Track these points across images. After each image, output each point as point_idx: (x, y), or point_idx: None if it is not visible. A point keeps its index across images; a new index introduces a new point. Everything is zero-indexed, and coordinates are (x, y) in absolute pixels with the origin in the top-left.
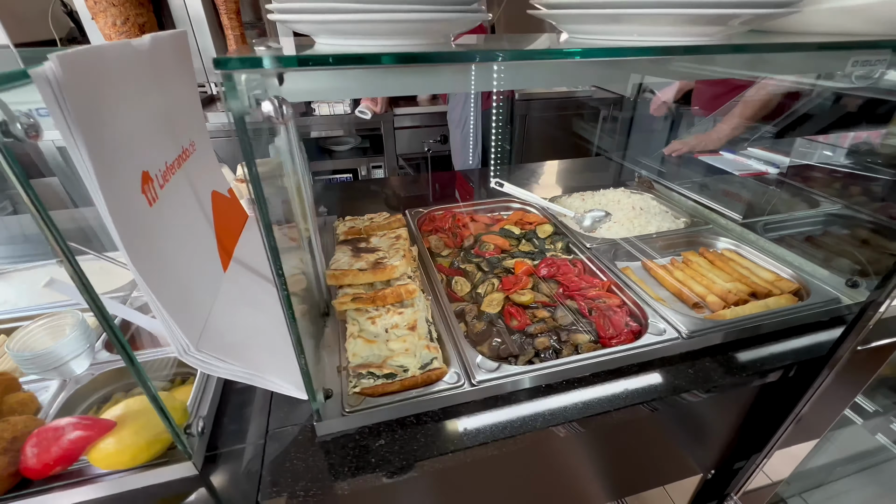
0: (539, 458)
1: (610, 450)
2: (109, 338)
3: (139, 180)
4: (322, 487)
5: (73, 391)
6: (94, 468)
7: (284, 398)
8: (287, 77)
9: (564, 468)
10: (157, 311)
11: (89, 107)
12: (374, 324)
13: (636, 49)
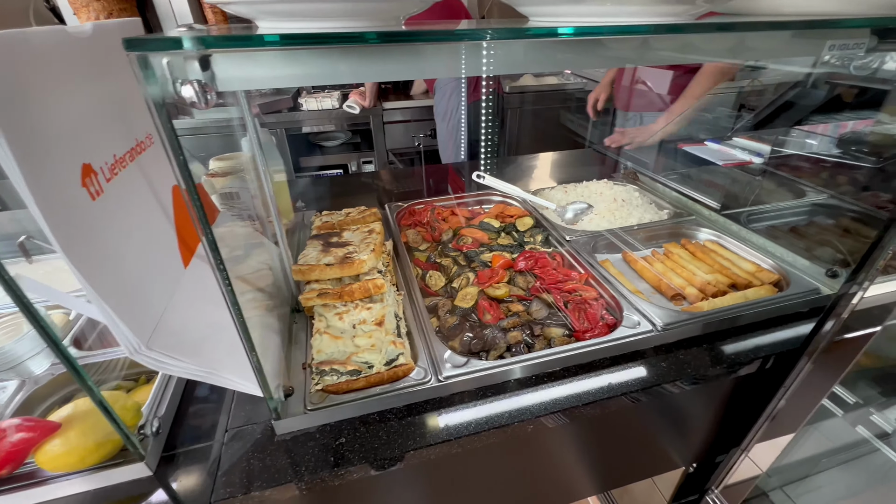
0: (511, 453)
1: (588, 443)
2: (40, 335)
3: (79, 173)
4: (278, 487)
5: (32, 391)
6: (43, 471)
7: (248, 397)
8: (215, 61)
9: (539, 463)
10: (102, 309)
11: (10, 95)
12: (341, 319)
13: (626, 27)
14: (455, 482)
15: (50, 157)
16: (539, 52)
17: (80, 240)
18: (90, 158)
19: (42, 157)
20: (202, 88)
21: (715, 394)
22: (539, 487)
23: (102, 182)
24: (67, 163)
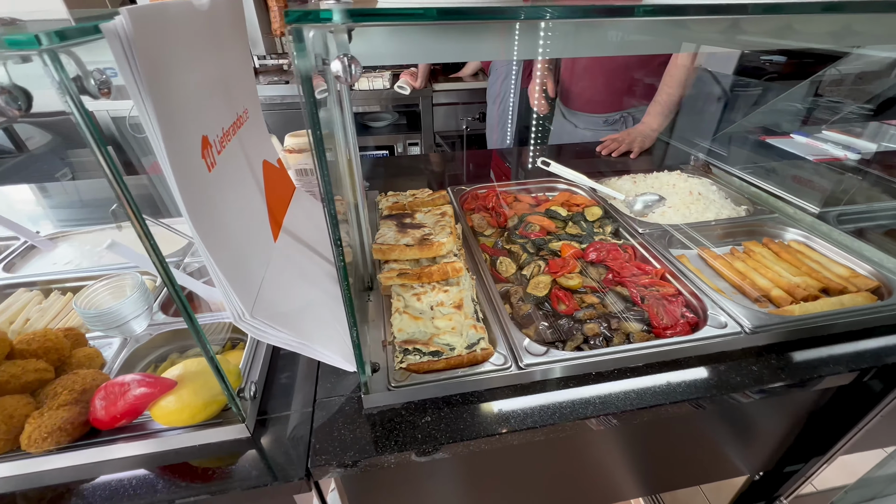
0: (582, 446)
1: (656, 443)
2: (173, 299)
3: (199, 144)
4: (369, 459)
5: (134, 350)
6: (155, 424)
7: (330, 370)
8: (363, 35)
9: (606, 458)
10: (215, 275)
11: (155, 64)
12: (419, 300)
13: (717, 5)
14: (527, 468)
15: (180, 126)
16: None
17: (201, 209)
18: (207, 131)
19: (175, 127)
20: (350, 62)
21: (801, 402)
22: (596, 481)
23: (215, 154)
24: (192, 133)
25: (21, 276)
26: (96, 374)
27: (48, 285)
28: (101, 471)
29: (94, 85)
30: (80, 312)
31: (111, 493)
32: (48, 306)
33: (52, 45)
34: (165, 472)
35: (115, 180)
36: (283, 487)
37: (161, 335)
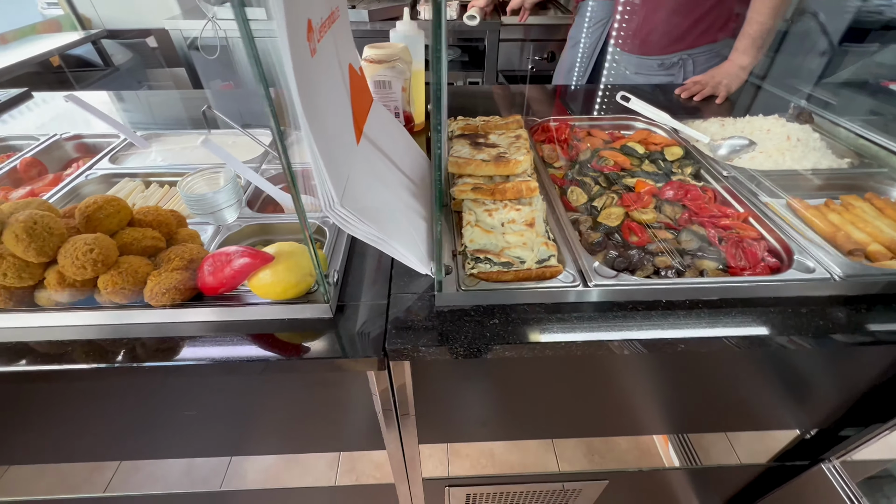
0: (635, 371)
1: (712, 381)
2: (287, 183)
3: (305, 27)
4: (440, 348)
5: (226, 236)
6: (250, 296)
7: (402, 271)
8: None
9: (653, 388)
10: (314, 157)
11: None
12: (490, 216)
13: None
14: (578, 383)
15: (293, 4)
16: None
17: (307, 88)
18: (310, 14)
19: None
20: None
21: (878, 363)
22: (634, 409)
23: (315, 40)
24: (301, 13)
25: (128, 167)
26: (200, 248)
27: (147, 177)
28: (202, 330)
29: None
30: (183, 195)
31: (210, 350)
32: (149, 195)
33: None
34: (257, 339)
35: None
36: (360, 362)
37: (248, 227)
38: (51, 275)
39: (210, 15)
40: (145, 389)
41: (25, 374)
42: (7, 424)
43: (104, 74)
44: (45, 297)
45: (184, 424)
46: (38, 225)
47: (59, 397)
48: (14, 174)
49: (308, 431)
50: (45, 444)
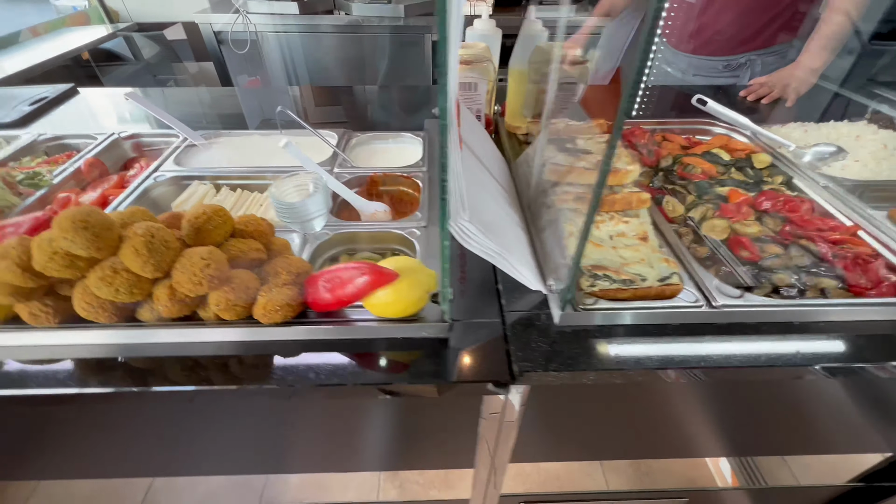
0: (752, 394)
1: (812, 404)
2: (440, 193)
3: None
4: (571, 373)
5: (315, 246)
6: (356, 312)
7: (510, 286)
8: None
9: (758, 408)
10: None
11: None
12: (597, 228)
13: None
14: (697, 405)
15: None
16: None
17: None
18: None
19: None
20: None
21: None
22: (731, 431)
23: None
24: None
25: (195, 169)
26: (302, 262)
27: (216, 180)
28: (309, 348)
29: None
30: (274, 203)
31: (320, 369)
32: (222, 199)
33: None
34: (369, 359)
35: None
36: (480, 387)
37: (337, 236)
38: (161, 290)
39: (241, 9)
40: (245, 408)
41: (115, 391)
42: (90, 439)
43: (136, 69)
44: (147, 313)
45: (270, 441)
46: (155, 239)
47: (153, 413)
48: (78, 175)
49: (394, 449)
50: (132, 455)
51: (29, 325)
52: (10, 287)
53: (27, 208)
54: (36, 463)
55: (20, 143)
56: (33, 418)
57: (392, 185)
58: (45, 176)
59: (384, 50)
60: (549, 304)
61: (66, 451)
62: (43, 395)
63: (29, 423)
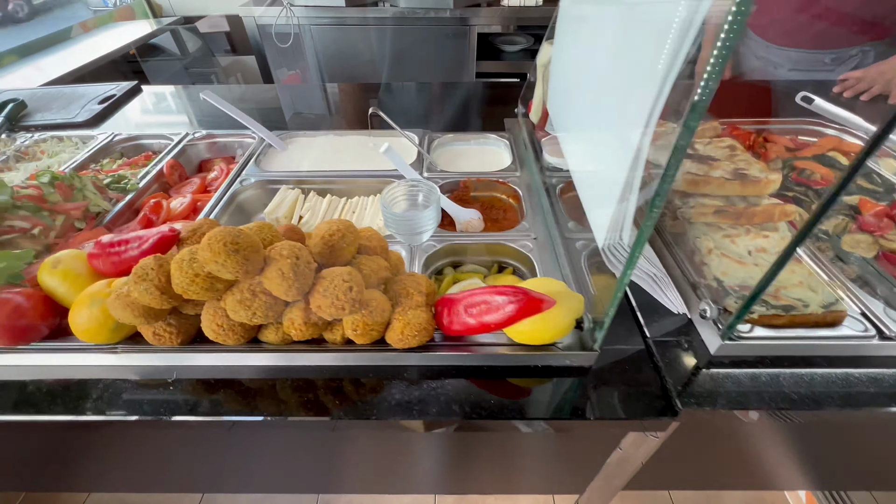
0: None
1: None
2: (647, 211)
3: None
4: (742, 410)
5: (424, 258)
6: (495, 335)
7: (648, 309)
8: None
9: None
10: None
11: None
12: (734, 243)
13: None
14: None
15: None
16: None
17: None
18: None
19: None
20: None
21: None
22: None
23: None
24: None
25: (277, 172)
26: (428, 280)
27: (300, 184)
28: (439, 374)
29: None
30: (386, 213)
31: (453, 397)
32: (312, 206)
33: None
34: (504, 387)
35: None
36: (632, 424)
37: (446, 247)
38: (296, 312)
39: (286, 1)
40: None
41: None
42: (203, 455)
43: (179, 63)
44: (272, 335)
45: (377, 463)
46: (300, 261)
47: (270, 437)
48: (160, 177)
49: (504, 474)
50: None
51: (149, 346)
52: (144, 309)
53: (119, 213)
54: (113, 476)
55: (97, 144)
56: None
57: (484, 190)
58: (130, 179)
59: (427, 43)
60: (699, 330)
61: (148, 465)
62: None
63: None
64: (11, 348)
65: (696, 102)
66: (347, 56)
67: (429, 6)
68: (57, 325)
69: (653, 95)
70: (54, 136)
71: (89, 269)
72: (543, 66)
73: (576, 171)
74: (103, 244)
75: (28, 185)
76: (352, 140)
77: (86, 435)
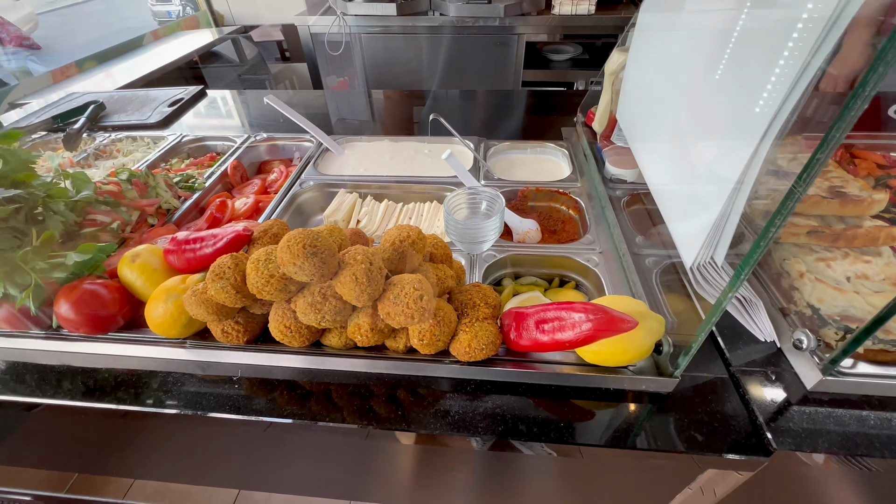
0: None
1: None
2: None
3: None
4: (838, 454)
5: (485, 268)
6: (569, 355)
7: (730, 333)
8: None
9: None
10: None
11: None
12: (829, 268)
13: None
14: None
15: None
16: None
17: None
18: None
19: None
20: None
21: None
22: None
23: None
24: None
25: (335, 176)
26: (494, 292)
27: (357, 188)
28: (502, 390)
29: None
30: (448, 220)
31: (515, 416)
32: (370, 211)
33: None
34: (571, 408)
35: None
36: (714, 460)
37: (505, 258)
38: (363, 318)
39: (338, 11)
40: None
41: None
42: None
43: (242, 70)
44: (335, 339)
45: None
46: (373, 266)
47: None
48: (223, 177)
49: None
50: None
51: (216, 343)
52: (217, 307)
53: (186, 211)
54: (158, 465)
55: (167, 145)
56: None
57: (542, 200)
58: (197, 178)
59: (474, 52)
60: (791, 361)
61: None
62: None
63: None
64: (92, 337)
65: (845, 109)
66: (395, 63)
67: (479, 15)
68: (131, 316)
69: (775, 106)
70: (129, 135)
71: (164, 265)
72: (613, 73)
73: (657, 184)
74: (178, 241)
75: (109, 181)
76: (407, 146)
77: (141, 424)
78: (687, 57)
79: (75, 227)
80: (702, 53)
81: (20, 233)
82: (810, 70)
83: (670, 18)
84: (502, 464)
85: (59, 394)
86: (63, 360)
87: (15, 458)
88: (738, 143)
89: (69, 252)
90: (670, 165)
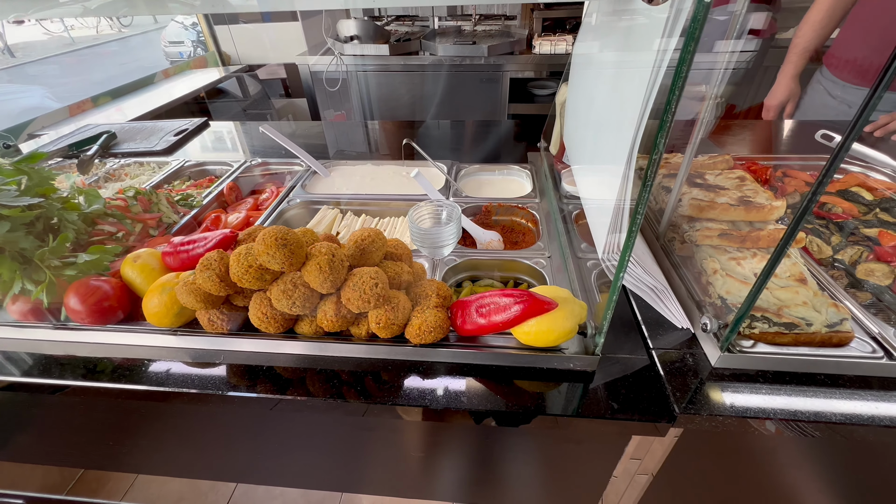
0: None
1: None
2: (632, 226)
3: None
4: (736, 419)
5: (444, 271)
6: (505, 338)
7: (652, 322)
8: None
9: None
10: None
11: None
12: (738, 265)
13: None
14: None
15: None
16: None
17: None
18: None
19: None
20: None
21: None
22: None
23: None
24: None
25: (321, 194)
26: (446, 286)
27: (338, 205)
28: (452, 371)
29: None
30: (412, 228)
31: (464, 392)
32: (349, 224)
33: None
34: (511, 387)
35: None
36: (633, 426)
37: (464, 262)
38: (328, 305)
39: (336, 52)
40: (369, 424)
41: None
42: (238, 442)
43: (239, 104)
44: (306, 327)
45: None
46: (335, 258)
47: (289, 421)
48: (220, 197)
49: (507, 483)
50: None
51: (203, 332)
52: (204, 295)
53: (185, 224)
54: (159, 460)
55: (170, 169)
56: (155, 415)
57: (505, 215)
58: (196, 197)
59: (462, 87)
60: (701, 343)
61: (185, 449)
62: (177, 392)
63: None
64: (95, 327)
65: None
66: (388, 98)
67: (465, 54)
68: (129, 312)
69: (632, 133)
70: (136, 161)
71: (162, 265)
72: (560, 104)
73: (585, 198)
74: (174, 243)
75: (117, 197)
76: (388, 169)
77: (138, 417)
78: (594, 89)
79: (85, 235)
80: (601, 86)
81: (39, 237)
82: (650, 104)
83: (586, 55)
84: (458, 442)
85: (64, 377)
86: (68, 350)
87: (15, 454)
88: (617, 163)
89: (80, 253)
90: (590, 180)
